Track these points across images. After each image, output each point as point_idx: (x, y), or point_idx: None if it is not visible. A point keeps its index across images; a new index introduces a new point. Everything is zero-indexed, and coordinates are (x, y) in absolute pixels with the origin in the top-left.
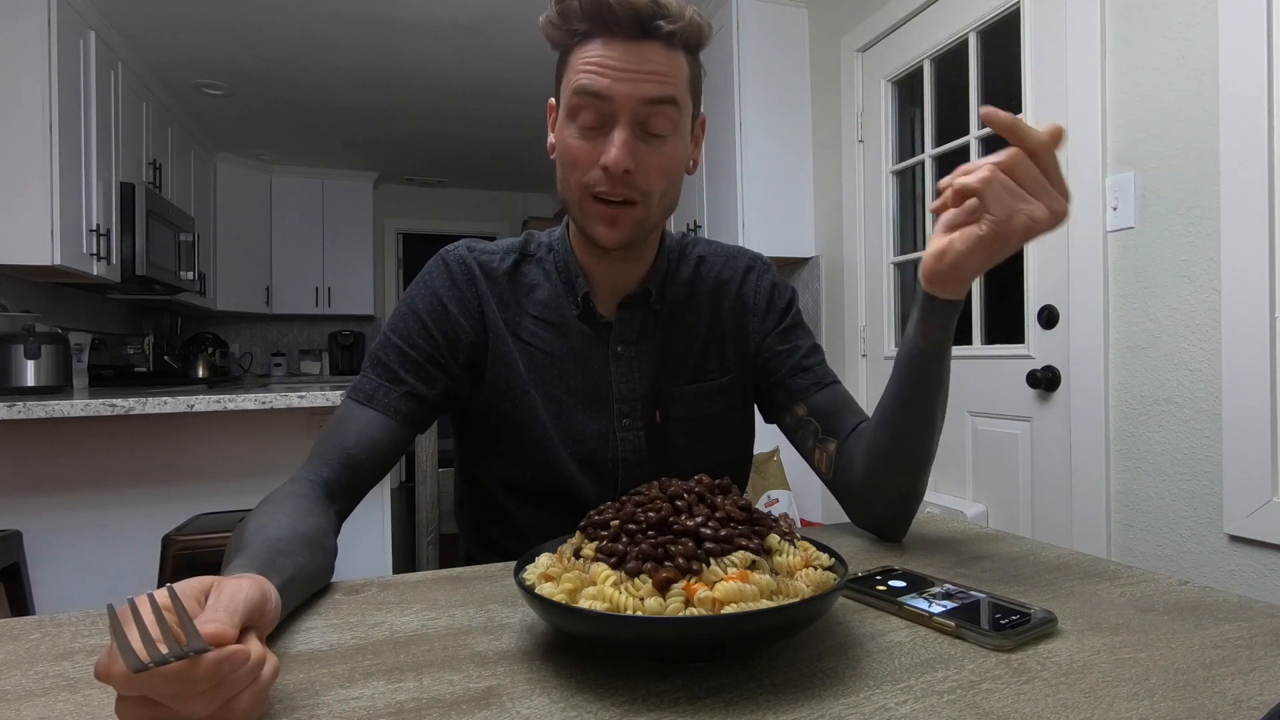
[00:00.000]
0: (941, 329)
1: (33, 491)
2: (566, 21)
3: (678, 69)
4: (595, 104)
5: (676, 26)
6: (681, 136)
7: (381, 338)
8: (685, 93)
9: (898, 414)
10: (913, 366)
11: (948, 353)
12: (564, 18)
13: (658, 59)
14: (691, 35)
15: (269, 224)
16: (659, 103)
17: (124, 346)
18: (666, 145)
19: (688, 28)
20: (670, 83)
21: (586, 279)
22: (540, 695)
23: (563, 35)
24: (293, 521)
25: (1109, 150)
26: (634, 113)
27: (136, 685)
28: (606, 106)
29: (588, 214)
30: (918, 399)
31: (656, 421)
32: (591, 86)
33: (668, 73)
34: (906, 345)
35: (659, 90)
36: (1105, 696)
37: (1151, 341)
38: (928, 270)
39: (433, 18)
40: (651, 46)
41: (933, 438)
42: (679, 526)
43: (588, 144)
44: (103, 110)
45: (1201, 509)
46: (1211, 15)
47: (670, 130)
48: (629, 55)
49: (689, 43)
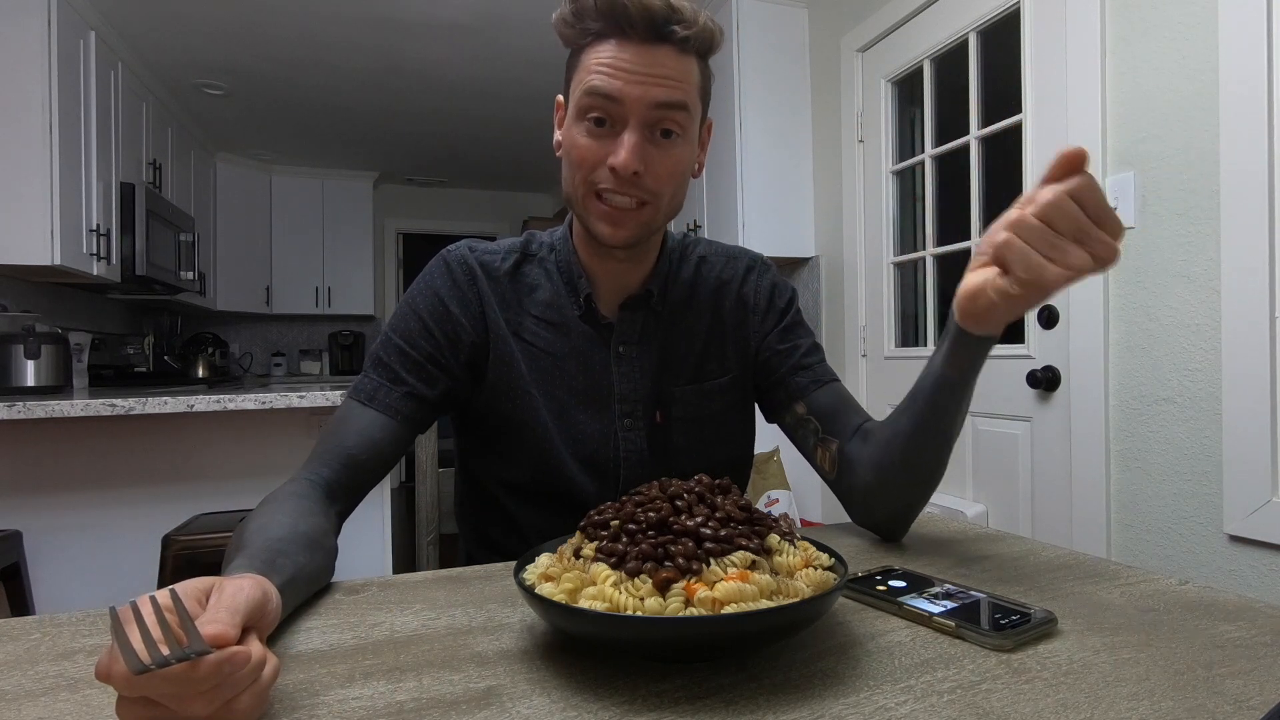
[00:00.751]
0: (971, 361)
1: (33, 491)
2: (580, 20)
3: (689, 74)
4: (606, 105)
5: (691, 32)
6: (689, 141)
7: (383, 338)
8: (695, 98)
9: (916, 436)
10: (937, 394)
11: (973, 382)
12: (578, 16)
13: (670, 63)
14: (704, 41)
15: (269, 224)
16: (670, 107)
17: (124, 346)
18: (675, 149)
19: (701, 33)
20: (682, 88)
21: (589, 279)
22: (540, 695)
23: (575, 34)
24: (293, 522)
25: (1109, 150)
26: (645, 116)
27: (137, 686)
28: (617, 108)
29: (592, 212)
30: (937, 423)
31: (657, 422)
32: (604, 88)
33: (680, 78)
34: (933, 372)
35: (670, 95)
36: (1105, 696)
37: (1151, 341)
38: (962, 309)
39: (433, 18)
40: (665, 50)
41: (945, 458)
42: (679, 526)
43: (596, 143)
44: (103, 110)
45: (1201, 509)
46: (1211, 15)
47: (679, 134)
48: (642, 58)
49: (701, 48)
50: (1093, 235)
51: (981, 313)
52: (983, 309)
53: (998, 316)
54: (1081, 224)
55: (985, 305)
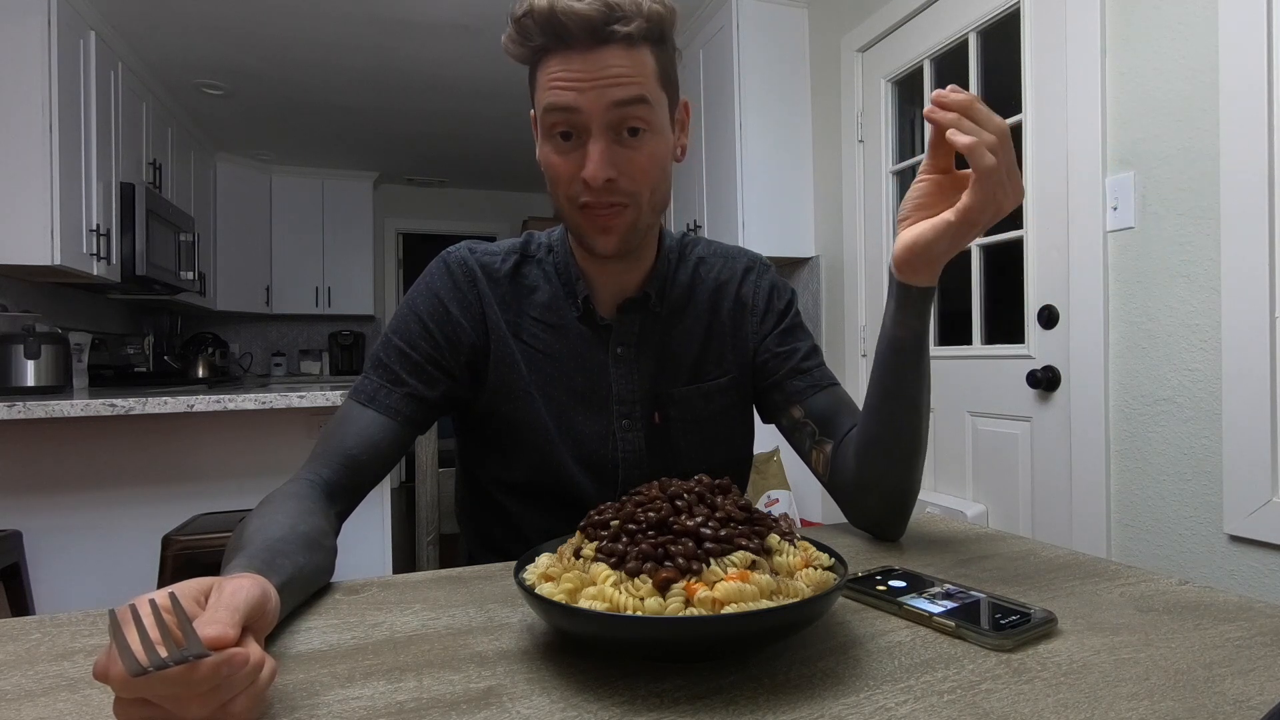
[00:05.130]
0: (918, 316)
1: (33, 491)
2: (525, 39)
3: (642, 66)
4: (566, 118)
5: (632, 28)
6: (660, 131)
7: (383, 339)
8: (655, 87)
9: (883, 405)
10: (894, 358)
11: (926, 340)
12: (523, 36)
13: (619, 61)
14: (653, 29)
15: (269, 224)
16: (628, 104)
17: (124, 346)
18: (646, 144)
19: (646, 23)
20: (636, 82)
21: (586, 281)
22: (540, 695)
23: (525, 53)
24: (293, 522)
25: (1109, 150)
26: (605, 119)
27: (135, 688)
28: (577, 118)
29: (580, 225)
30: (900, 388)
31: (655, 423)
32: (559, 102)
33: (632, 73)
34: (885, 336)
35: (626, 92)
36: (1105, 696)
37: (1151, 341)
38: (899, 259)
39: (433, 18)
40: (610, 51)
41: (920, 427)
42: (679, 526)
43: (566, 159)
44: (103, 110)
45: (1201, 509)
46: (1211, 15)
47: (646, 128)
48: (588, 64)
49: (651, 36)
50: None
51: (922, 258)
52: (922, 253)
53: (933, 259)
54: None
55: (924, 247)
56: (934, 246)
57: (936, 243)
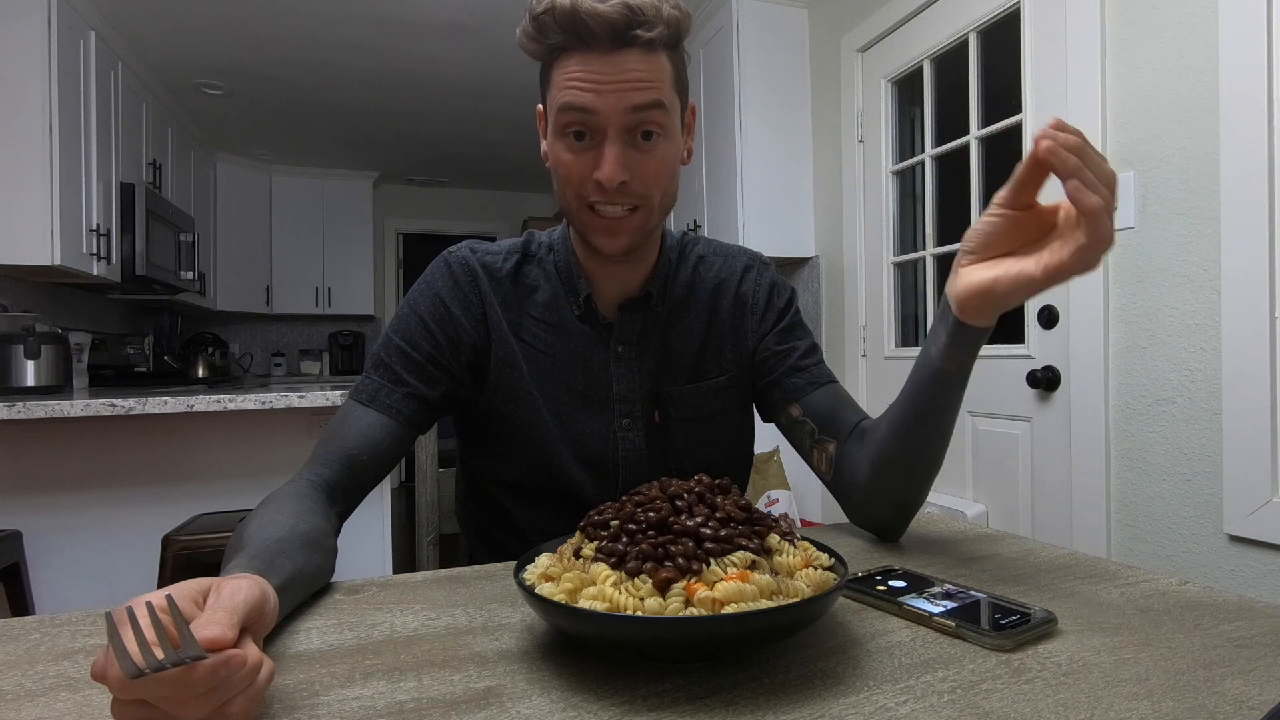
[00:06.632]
0: (970, 354)
1: (33, 491)
2: (543, 36)
3: (660, 71)
4: (583, 118)
5: (654, 34)
6: (672, 135)
7: (384, 339)
8: (671, 92)
9: (913, 428)
10: (933, 388)
11: (968, 374)
12: (540, 32)
13: (639, 66)
14: (671, 35)
15: (269, 224)
16: (646, 109)
17: (124, 346)
18: (659, 148)
19: (666, 28)
20: (654, 87)
21: (588, 280)
22: (540, 695)
23: (540, 49)
24: (293, 522)
25: (1109, 150)
26: (622, 123)
27: (132, 689)
28: (594, 120)
29: (588, 225)
30: (934, 418)
31: (655, 422)
32: (576, 102)
33: (651, 78)
34: (928, 366)
35: (645, 97)
36: (1105, 696)
37: (1151, 341)
38: (966, 303)
39: (433, 18)
40: (631, 55)
41: (943, 451)
42: (679, 526)
43: (579, 158)
44: (103, 110)
45: (1201, 509)
46: (1211, 15)
47: (660, 133)
48: (609, 67)
49: (669, 41)
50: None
51: (992, 306)
52: (995, 302)
53: (1003, 308)
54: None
55: (999, 298)
56: (1011, 299)
57: (1014, 296)
